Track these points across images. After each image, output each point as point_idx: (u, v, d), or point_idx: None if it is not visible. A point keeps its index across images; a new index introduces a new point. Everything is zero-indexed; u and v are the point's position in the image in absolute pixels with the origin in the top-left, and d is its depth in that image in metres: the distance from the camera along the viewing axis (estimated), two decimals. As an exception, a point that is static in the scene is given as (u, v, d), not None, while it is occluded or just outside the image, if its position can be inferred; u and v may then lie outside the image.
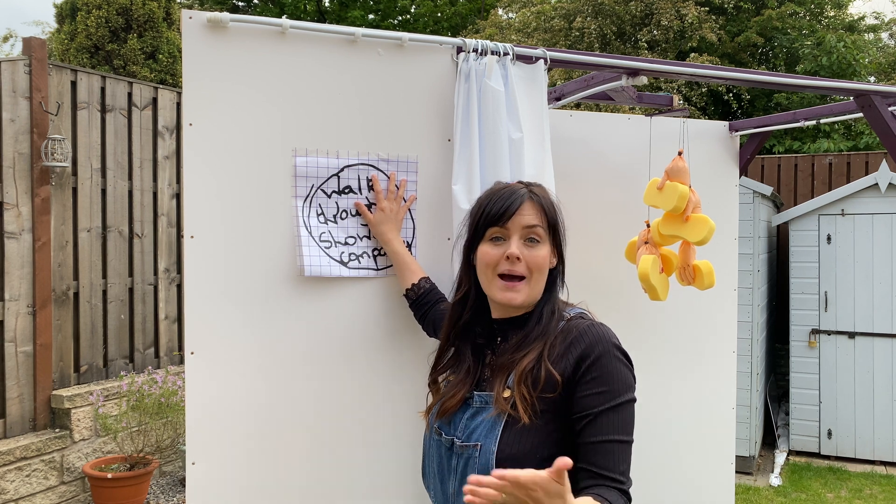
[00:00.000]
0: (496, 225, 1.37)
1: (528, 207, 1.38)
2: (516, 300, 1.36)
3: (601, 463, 1.22)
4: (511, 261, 1.35)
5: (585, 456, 1.24)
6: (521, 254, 1.35)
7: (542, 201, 1.41)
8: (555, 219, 1.41)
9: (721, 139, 2.76)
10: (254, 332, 1.71)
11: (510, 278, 1.36)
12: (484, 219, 1.39)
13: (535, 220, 1.37)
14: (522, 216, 1.36)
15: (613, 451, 1.23)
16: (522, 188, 1.42)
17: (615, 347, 1.31)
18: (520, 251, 1.35)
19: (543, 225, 1.38)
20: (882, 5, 23.79)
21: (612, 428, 1.24)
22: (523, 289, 1.36)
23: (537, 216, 1.38)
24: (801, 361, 5.55)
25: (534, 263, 1.36)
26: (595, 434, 1.24)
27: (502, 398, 1.31)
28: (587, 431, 1.25)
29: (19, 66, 4.14)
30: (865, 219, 5.36)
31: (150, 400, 4.36)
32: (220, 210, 1.67)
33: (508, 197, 1.38)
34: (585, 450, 1.25)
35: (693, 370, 2.69)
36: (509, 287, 1.36)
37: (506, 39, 10.86)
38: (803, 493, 4.81)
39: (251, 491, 1.72)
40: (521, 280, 1.36)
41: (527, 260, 1.35)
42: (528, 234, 1.37)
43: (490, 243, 1.38)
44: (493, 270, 1.37)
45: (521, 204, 1.37)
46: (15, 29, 25.05)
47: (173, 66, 7.25)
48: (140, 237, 4.88)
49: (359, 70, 1.78)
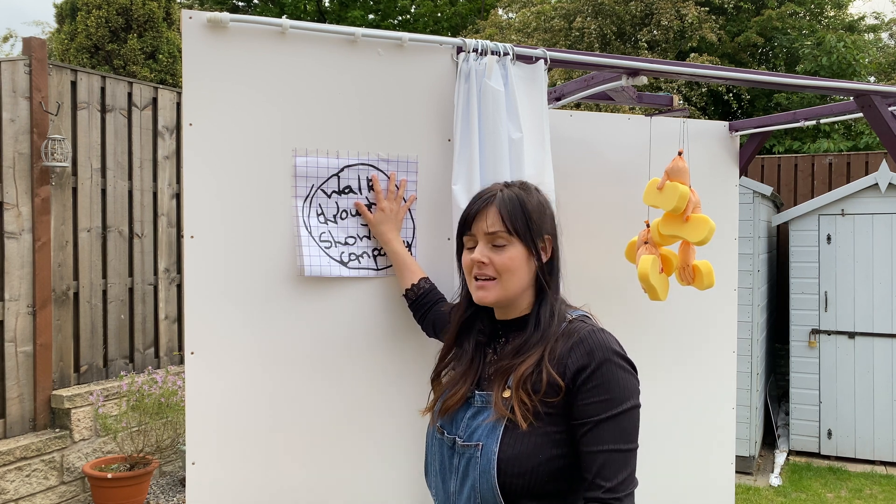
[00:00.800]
0: (466, 232, 1.44)
1: (487, 214, 1.40)
2: (487, 298, 1.41)
3: (598, 473, 1.24)
4: (477, 264, 1.41)
5: (585, 464, 1.27)
6: (485, 258, 1.39)
7: (506, 204, 1.40)
8: (521, 220, 1.40)
9: (721, 139, 2.76)
10: (254, 332, 1.71)
11: (482, 279, 1.41)
12: (460, 226, 1.46)
13: (495, 227, 1.39)
14: (482, 222, 1.40)
15: (612, 461, 1.25)
16: (494, 192, 1.43)
17: (616, 354, 1.31)
18: (484, 255, 1.40)
19: (504, 229, 1.39)
20: (882, 5, 23.80)
21: (612, 437, 1.26)
22: (493, 288, 1.40)
23: (497, 221, 1.39)
24: (801, 361, 5.55)
25: (501, 265, 1.39)
26: (594, 444, 1.26)
27: (501, 403, 1.32)
28: (586, 440, 1.26)
29: (19, 66, 4.14)
30: (865, 219, 5.36)
31: (150, 400, 4.36)
32: (220, 210, 1.67)
33: (475, 202, 1.43)
34: (585, 458, 1.27)
35: (693, 370, 2.69)
36: (480, 287, 1.42)
37: (506, 39, 10.86)
38: (803, 493, 4.81)
39: (251, 491, 1.72)
40: (492, 280, 1.40)
41: (493, 263, 1.39)
42: (491, 241, 1.40)
43: (467, 250, 1.45)
44: (470, 274, 1.44)
45: (480, 211, 1.41)
46: (15, 29, 25.07)
47: (173, 66, 7.25)
48: (140, 237, 4.88)
49: (359, 70, 1.78)
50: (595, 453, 1.25)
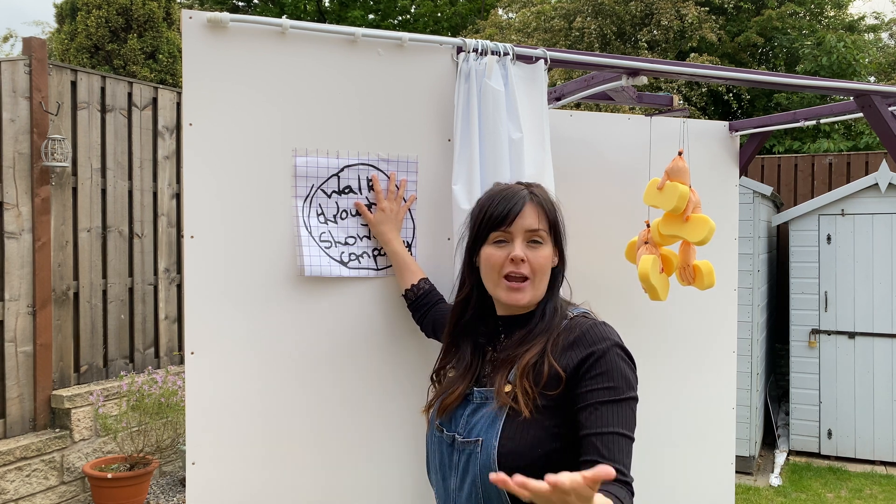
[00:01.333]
0: (499, 228, 1.39)
1: (529, 210, 1.39)
2: (522, 300, 1.38)
3: (607, 455, 1.21)
4: (516, 263, 1.37)
5: (591, 447, 1.23)
6: (524, 255, 1.37)
7: (543, 203, 1.42)
8: (555, 219, 1.43)
9: (721, 139, 2.76)
10: (254, 332, 1.71)
11: (515, 279, 1.38)
12: (486, 222, 1.40)
13: (538, 224, 1.39)
14: (525, 219, 1.38)
15: (618, 444, 1.23)
16: (523, 189, 1.43)
17: (618, 346, 1.32)
18: (524, 253, 1.37)
19: (545, 227, 1.40)
20: (882, 5, 23.80)
21: (616, 421, 1.24)
22: (528, 289, 1.38)
23: (539, 219, 1.39)
24: (801, 361, 5.55)
25: (537, 265, 1.38)
26: (600, 425, 1.23)
27: (503, 392, 1.32)
28: (591, 422, 1.24)
29: (19, 66, 4.14)
30: (865, 219, 5.36)
31: (150, 400, 4.36)
32: (220, 210, 1.67)
33: (510, 199, 1.40)
34: (590, 441, 1.23)
35: (693, 370, 2.69)
36: (514, 288, 1.38)
37: (506, 39, 10.86)
38: (803, 493, 4.81)
39: (251, 490, 1.72)
40: (526, 281, 1.38)
41: (530, 261, 1.37)
42: (530, 237, 1.38)
43: (494, 246, 1.40)
44: (499, 272, 1.39)
45: (524, 207, 1.39)
46: (15, 29, 25.06)
47: (173, 66, 7.25)
48: (140, 237, 4.88)
49: (359, 70, 1.78)
50: (602, 434, 1.22)
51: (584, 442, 1.25)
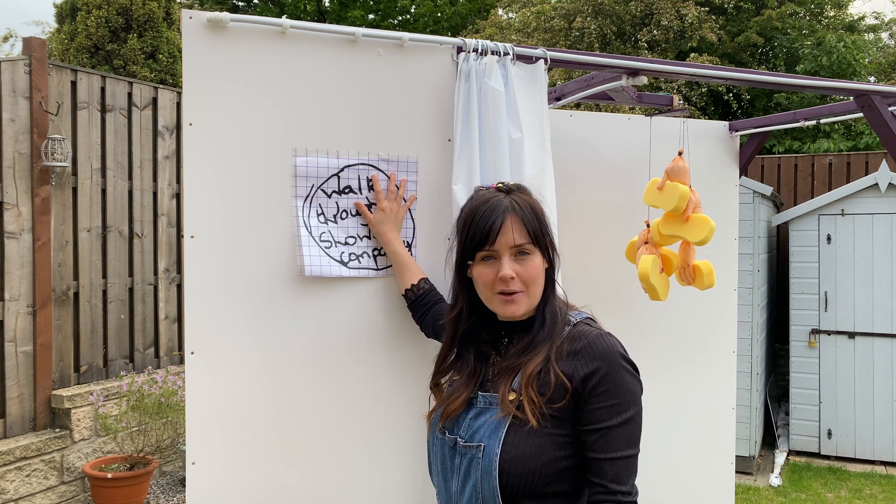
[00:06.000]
0: (483, 247, 1.36)
1: (510, 224, 1.35)
2: (518, 312, 1.37)
3: (614, 479, 1.26)
4: (505, 281, 1.35)
5: (598, 471, 1.27)
6: (513, 272, 1.35)
7: (524, 213, 1.37)
8: (538, 227, 1.39)
9: (721, 139, 2.76)
10: (254, 332, 1.71)
11: (508, 293, 1.36)
12: (471, 241, 1.38)
13: (521, 237, 1.36)
14: (506, 235, 1.35)
15: (626, 467, 1.27)
16: (503, 199, 1.38)
17: (623, 359, 1.32)
18: (512, 271, 1.35)
19: (529, 239, 1.36)
20: (882, 5, 23.79)
21: (623, 443, 1.27)
22: (522, 300, 1.37)
23: (521, 232, 1.36)
24: (801, 361, 5.55)
25: (528, 276, 1.36)
26: (607, 451, 1.27)
27: (508, 400, 1.32)
28: (598, 447, 1.27)
29: (19, 65, 4.14)
30: (865, 219, 5.36)
31: (150, 400, 4.36)
32: (220, 210, 1.67)
33: (490, 215, 1.36)
34: (598, 465, 1.27)
35: (693, 370, 2.69)
36: (508, 301, 1.36)
37: (506, 39, 10.86)
38: (803, 493, 4.81)
39: (251, 491, 1.72)
40: (519, 293, 1.36)
41: (520, 275, 1.35)
42: (517, 251, 1.36)
43: (483, 263, 1.38)
44: (491, 289, 1.38)
45: (503, 223, 1.35)
46: (15, 29, 25.06)
47: (173, 66, 7.25)
48: (140, 237, 4.88)
49: (359, 70, 1.78)
50: (609, 460, 1.26)
51: (593, 464, 1.28)
